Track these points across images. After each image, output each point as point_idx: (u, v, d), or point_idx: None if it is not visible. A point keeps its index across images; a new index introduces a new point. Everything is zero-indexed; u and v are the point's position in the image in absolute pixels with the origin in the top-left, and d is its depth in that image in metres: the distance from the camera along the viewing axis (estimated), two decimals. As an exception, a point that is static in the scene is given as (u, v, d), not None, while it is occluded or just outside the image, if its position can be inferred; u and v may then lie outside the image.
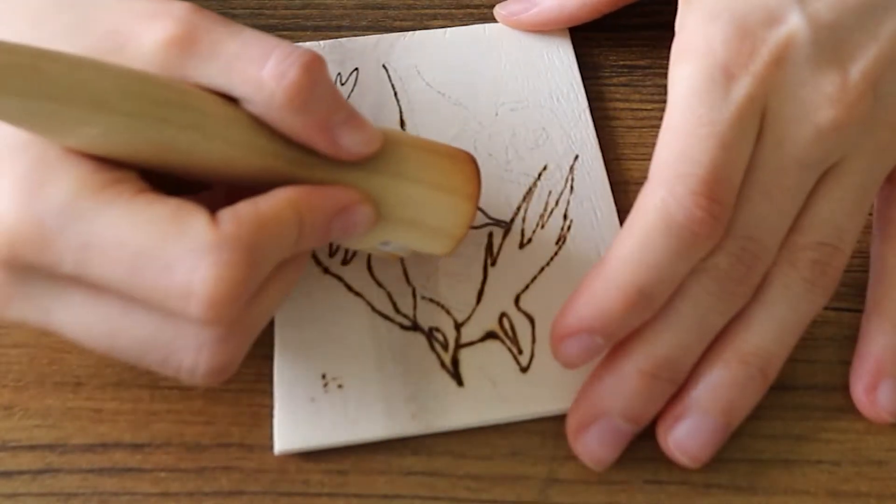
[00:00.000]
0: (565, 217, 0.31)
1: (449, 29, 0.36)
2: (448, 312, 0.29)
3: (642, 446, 0.27)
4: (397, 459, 0.27)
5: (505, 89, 0.35)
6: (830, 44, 0.26)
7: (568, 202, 0.32)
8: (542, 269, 0.30)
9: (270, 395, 0.28)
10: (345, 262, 0.30)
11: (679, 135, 0.25)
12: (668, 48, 0.27)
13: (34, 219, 0.21)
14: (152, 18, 0.23)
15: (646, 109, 0.35)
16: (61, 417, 0.27)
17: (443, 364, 0.28)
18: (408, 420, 0.27)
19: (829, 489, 0.26)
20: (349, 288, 0.30)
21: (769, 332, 0.25)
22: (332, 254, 0.30)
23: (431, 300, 0.29)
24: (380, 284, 0.30)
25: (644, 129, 0.34)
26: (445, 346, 0.28)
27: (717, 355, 0.26)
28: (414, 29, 0.37)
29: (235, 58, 0.22)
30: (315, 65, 0.22)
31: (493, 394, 0.27)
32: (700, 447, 0.26)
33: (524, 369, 0.28)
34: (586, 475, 0.27)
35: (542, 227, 0.31)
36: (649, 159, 0.33)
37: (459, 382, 0.28)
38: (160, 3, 0.23)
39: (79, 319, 0.23)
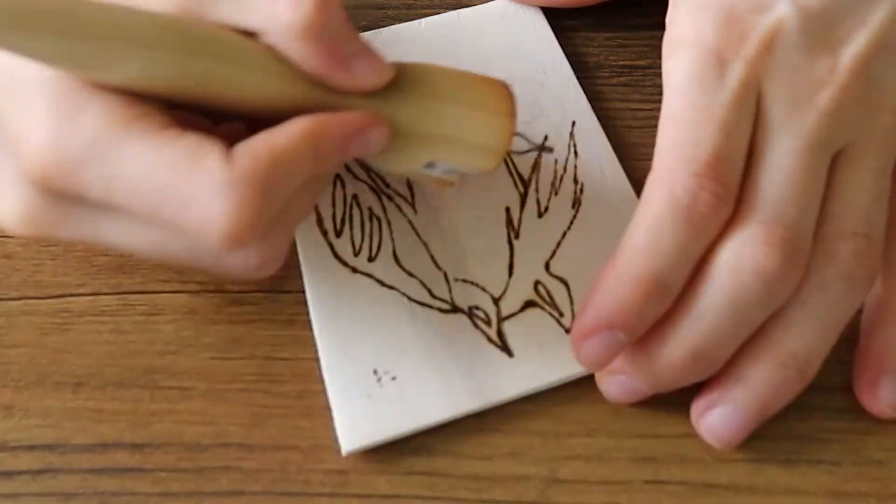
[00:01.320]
0: (575, 181, 0.32)
1: (423, 20, 0.37)
2: (484, 290, 0.30)
3: (642, 446, 0.27)
4: (397, 459, 0.27)
5: (491, 69, 0.34)
6: (820, 30, 0.26)
7: (575, 167, 0.33)
8: (564, 233, 0.31)
9: (271, 394, 0.28)
10: (371, 259, 0.30)
11: (678, 122, 0.25)
12: (668, 48, 0.27)
13: (64, 149, 0.22)
14: None
15: (646, 109, 0.35)
16: (61, 417, 0.27)
17: (489, 339, 0.29)
18: (467, 398, 0.27)
19: (829, 489, 0.26)
20: (381, 283, 0.30)
21: (808, 332, 0.25)
22: (356, 253, 0.30)
23: (465, 280, 0.30)
24: (411, 274, 0.30)
25: (644, 129, 0.34)
26: (488, 322, 0.29)
27: (753, 354, 0.25)
28: (414, 29, 0.37)
29: None
30: None
31: (543, 359, 0.28)
32: (732, 434, 0.26)
33: (568, 330, 0.29)
34: (586, 475, 0.27)
35: (556, 194, 0.32)
36: (650, 159, 0.33)
37: (509, 353, 0.28)
38: None
39: (126, 237, 0.24)
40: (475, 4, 0.38)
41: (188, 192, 0.22)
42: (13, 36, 0.20)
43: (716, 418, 0.26)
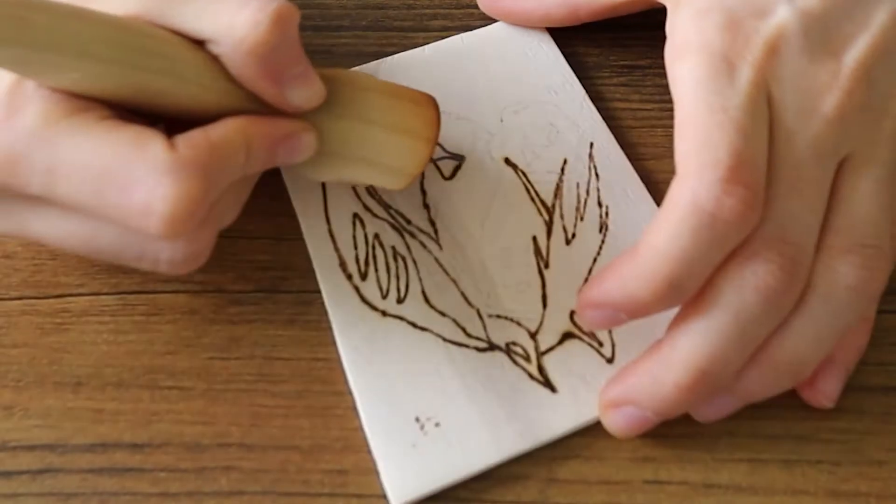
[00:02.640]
0: (600, 204, 0.32)
1: (427, 46, 0.36)
2: (519, 324, 0.29)
3: (642, 446, 0.27)
4: (397, 459, 0.27)
5: (502, 94, 0.34)
6: (821, 34, 0.26)
7: (598, 189, 0.32)
8: (595, 259, 0.30)
9: (271, 393, 0.28)
10: (400, 300, 0.29)
11: (696, 126, 0.25)
12: (668, 48, 0.27)
13: (4, 144, 0.23)
14: None
15: (646, 109, 0.35)
16: (61, 417, 0.27)
17: (531, 376, 0.28)
18: (515, 439, 0.27)
19: (829, 489, 0.26)
20: (414, 325, 0.29)
21: (808, 341, 0.25)
22: (384, 295, 0.29)
23: (499, 316, 0.29)
24: (443, 314, 0.29)
25: (644, 129, 0.34)
26: (528, 358, 0.28)
27: (751, 358, 0.25)
28: (414, 29, 0.37)
29: (213, 1, 0.24)
30: (288, 17, 0.24)
31: (588, 391, 0.27)
32: (715, 416, 0.27)
33: (610, 360, 0.28)
34: (586, 475, 0.27)
35: (582, 219, 0.31)
36: (650, 159, 0.33)
37: (552, 389, 0.28)
38: None
39: (54, 230, 0.25)
40: (475, 5, 0.38)
41: (131, 176, 0.22)
42: None
43: (708, 407, 0.26)
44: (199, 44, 0.24)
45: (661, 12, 0.29)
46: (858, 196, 0.25)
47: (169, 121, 0.25)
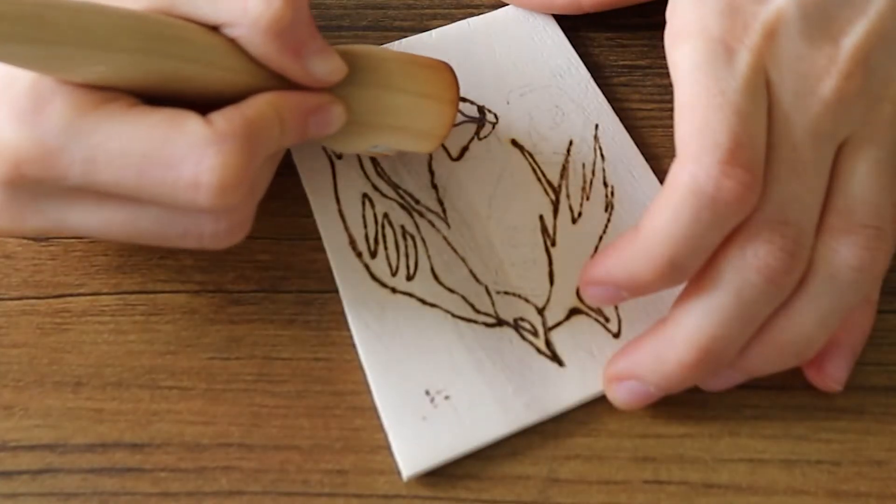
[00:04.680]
0: (605, 185, 0.32)
1: (434, 31, 0.37)
2: (527, 300, 0.30)
3: (642, 446, 0.27)
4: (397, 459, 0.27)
5: (508, 78, 0.35)
6: (820, 20, 0.26)
7: (603, 170, 0.33)
8: (601, 237, 0.31)
9: (271, 393, 0.28)
10: (409, 277, 0.30)
11: (695, 109, 0.25)
12: (668, 48, 0.27)
13: (37, 140, 0.23)
14: None
15: (646, 109, 0.35)
16: (61, 417, 0.27)
17: (539, 350, 0.28)
18: (523, 411, 0.27)
19: (829, 489, 0.26)
20: (423, 301, 0.29)
21: (811, 322, 0.25)
22: (394, 273, 0.30)
23: (507, 293, 0.30)
24: (451, 290, 0.30)
25: (644, 129, 0.34)
26: (535, 333, 0.29)
27: (755, 338, 0.25)
28: (414, 29, 0.37)
29: None
30: None
31: (595, 365, 0.28)
32: (721, 387, 0.27)
33: (616, 335, 0.29)
34: (586, 475, 0.27)
35: (588, 198, 0.32)
36: (650, 159, 0.33)
37: (560, 363, 0.28)
38: None
39: (94, 220, 0.25)
40: (475, 5, 0.38)
41: (174, 153, 0.23)
42: None
43: (714, 379, 0.27)
44: (215, 30, 0.25)
45: (662, 13, 0.29)
46: (858, 177, 0.25)
47: (196, 108, 0.25)
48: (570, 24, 0.37)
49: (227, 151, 0.23)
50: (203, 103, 0.25)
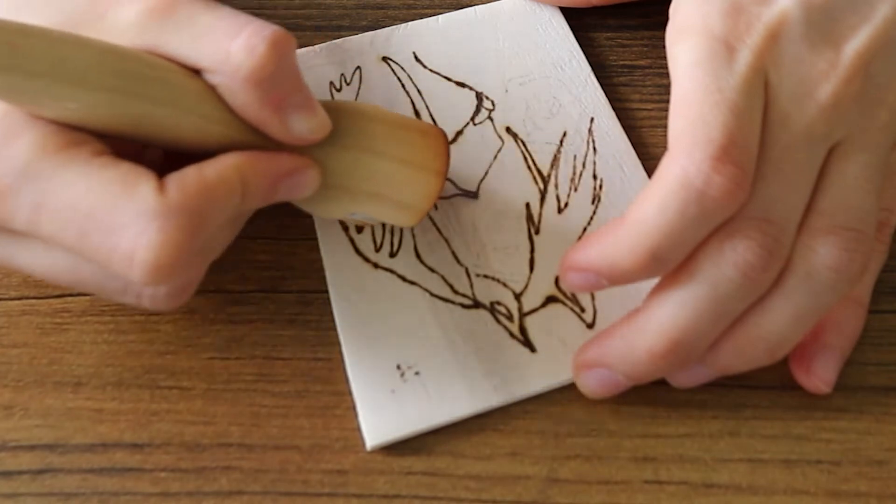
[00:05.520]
0: (594, 177, 0.32)
1: (441, 16, 0.37)
2: (505, 285, 0.30)
3: (642, 446, 0.27)
4: (397, 459, 0.27)
5: (509, 66, 0.35)
6: (823, 24, 0.26)
7: (594, 163, 0.33)
8: (585, 228, 0.31)
9: (271, 393, 0.28)
10: (392, 254, 0.30)
11: (691, 104, 0.25)
12: (669, 48, 0.27)
13: None
14: None
15: (646, 109, 0.35)
16: (61, 417, 0.27)
17: (512, 334, 0.29)
18: (490, 393, 0.27)
19: (829, 489, 0.26)
20: (403, 279, 0.30)
21: (785, 319, 0.25)
22: (378, 248, 0.31)
23: (486, 276, 0.30)
24: (432, 270, 0.30)
25: (644, 129, 0.34)
26: (510, 317, 0.29)
27: (728, 333, 0.25)
28: (414, 29, 0.37)
29: (209, 28, 0.23)
30: (284, 43, 0.23)
31: (566, 354, 0.28)
32: (689, 383, 0.27)
33: (590, 325, 0.29)
34: (586, 475, 0.27)
35: (576, 190, 0.32)
36: (649, 159, 0.33)
37: (532, 349, 0.28)
38: None
39: (39, 263, 0.25)
40: (476, 4, 0.38)
41: (118, 220, 0.22)
42: None
43: (682, 375, 0.27)
44: (197, 73, 0.24)
45: (662, 13, 0.29)
46: (845, 180, 0.26)
47: (168, 153, 0.25)
48: (571, 25, 0.37)
49: (169, 228, 0.22)
50: (173, 150, 0.25)
